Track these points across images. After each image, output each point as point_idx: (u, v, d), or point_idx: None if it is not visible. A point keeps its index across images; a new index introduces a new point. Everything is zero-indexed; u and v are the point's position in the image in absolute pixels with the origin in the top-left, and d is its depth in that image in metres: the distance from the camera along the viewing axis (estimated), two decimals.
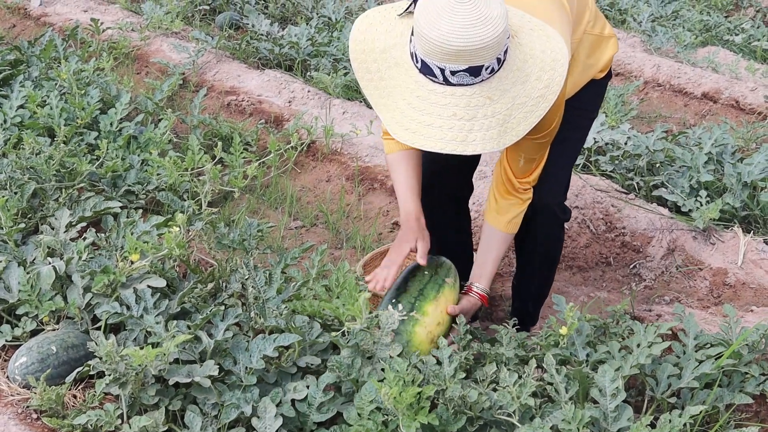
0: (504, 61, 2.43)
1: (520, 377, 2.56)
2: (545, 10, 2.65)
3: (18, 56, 5.65)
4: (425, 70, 2.42)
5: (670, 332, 3.02)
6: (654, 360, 2.79)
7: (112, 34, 6.46)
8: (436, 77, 2.41)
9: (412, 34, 2.46)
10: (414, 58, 2.46)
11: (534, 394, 2.65)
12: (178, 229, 3.01)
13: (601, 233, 4.15)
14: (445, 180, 3.20)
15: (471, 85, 2.40)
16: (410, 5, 2.54)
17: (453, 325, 2.93)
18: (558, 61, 2.49)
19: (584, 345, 2.82)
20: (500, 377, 2.57)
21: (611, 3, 7.77)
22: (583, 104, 3.06)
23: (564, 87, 2.60)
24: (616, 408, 2.54)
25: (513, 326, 2.96)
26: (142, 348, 2.65)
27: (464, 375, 2.63)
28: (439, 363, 2.66)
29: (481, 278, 3.08)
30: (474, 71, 2.37)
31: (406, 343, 2.76)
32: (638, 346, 2.73)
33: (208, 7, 7.34)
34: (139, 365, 2.52)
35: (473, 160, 3.36)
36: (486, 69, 2.38)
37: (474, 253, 3.54)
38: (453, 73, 2.37)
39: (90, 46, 6.03)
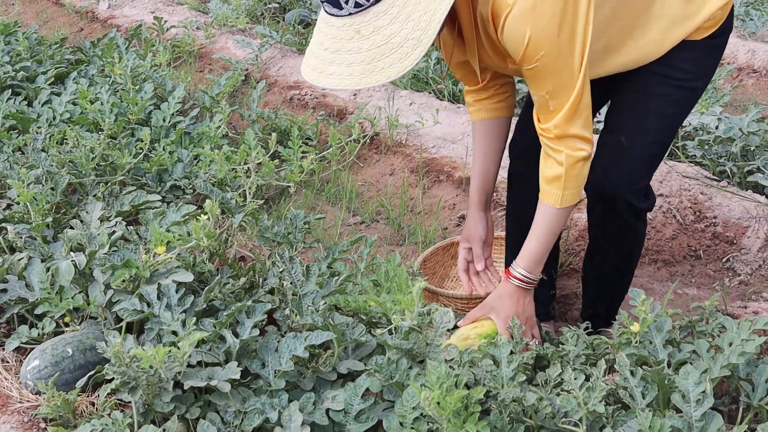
0: None
1: (587, 379, 2.20)
2: None
3: (81, 56, 5.55)
4: None
5: None
6: (749, 361, 2.39)
7: (177, 33, 6.30)
8: (323, 4, 2.20)
9: None
10: None
11: (605, 400, 2.27)
12: (206, 217, 2.72)
13: (689, 223, 3.75)
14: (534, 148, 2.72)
15: (343, 16, 2.16)
16: None
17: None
18: None
19: (665, 343, 2.44)
20: (565, 379, 2.20)
21: None
22: (672, 70, 2.56)
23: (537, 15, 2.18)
24: (703, 416, 2.15)
25: (584, 329, 2.60)
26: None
27: (524, 378, 2.28)
28: (496, 363, 2.32)
29: (520, 257, 2.64)
30: (334, 1, 2.14)
31: None
32: (730, 344, 2.33)
33: (277, 5, 7.16)
34: (150, 367, 2.22)
35: None
36: (346, 1, 2.12)
37: (559, 245, 3.25)
38: (322, 1, 2.17)
39: (153, 45, 5.86)
